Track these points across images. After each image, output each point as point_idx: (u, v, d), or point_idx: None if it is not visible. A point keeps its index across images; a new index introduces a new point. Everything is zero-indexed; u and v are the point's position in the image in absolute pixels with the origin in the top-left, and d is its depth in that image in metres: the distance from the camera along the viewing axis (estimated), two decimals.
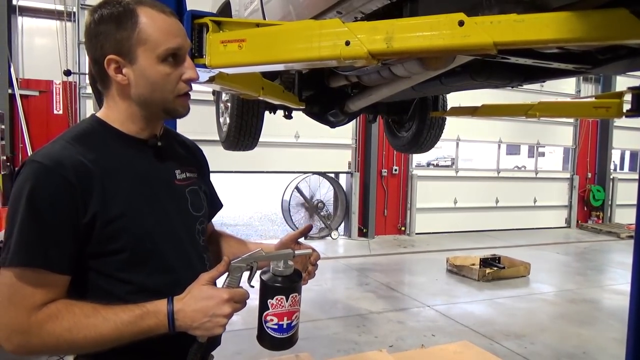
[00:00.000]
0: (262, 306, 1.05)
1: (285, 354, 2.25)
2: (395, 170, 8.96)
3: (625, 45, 1.57)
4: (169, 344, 1.01)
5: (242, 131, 3.20)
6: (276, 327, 1.05)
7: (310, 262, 1.26)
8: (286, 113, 3.41)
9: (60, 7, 6.67)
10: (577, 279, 6.56)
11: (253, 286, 1.05)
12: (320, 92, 3.00)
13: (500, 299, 5.49)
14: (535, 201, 10.52)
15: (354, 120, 6.30)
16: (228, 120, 3.29)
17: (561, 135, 10.82)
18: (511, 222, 10.05)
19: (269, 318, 1.05)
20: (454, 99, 3.44)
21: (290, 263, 1.07)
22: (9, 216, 0.95)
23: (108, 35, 1.01)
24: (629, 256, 2.88)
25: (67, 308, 0.94)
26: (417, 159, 9.83)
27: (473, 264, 6.41)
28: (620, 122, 10.26)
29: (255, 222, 11.75)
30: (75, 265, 0.97)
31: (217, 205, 1.37)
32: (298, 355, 2.56)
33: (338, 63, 1.31)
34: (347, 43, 1.21)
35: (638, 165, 12.97)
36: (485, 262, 6.43)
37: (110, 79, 1.04)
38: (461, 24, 1.10)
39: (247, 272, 1.06)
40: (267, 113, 3.31)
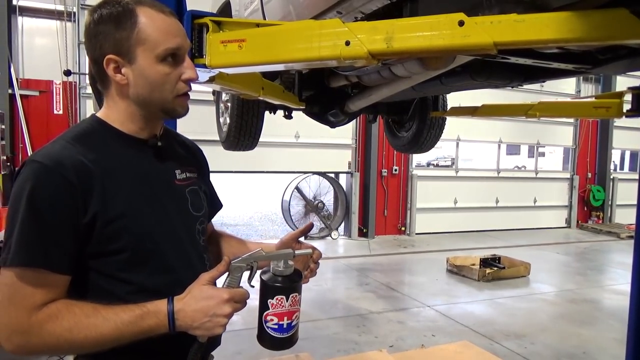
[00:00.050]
0: (262, 306, 1.05)
1: (285, 354, 2.25)
2: (395, 170, 8.96)
3: (625, 45, 1.57)
4: (169, 344, 1.01)
5: (242, 131, 3.20)
6: (276, 327, 1.05)
7: (313, 260, 1.26)
8: (286, 113, 3.41)
9: (60, 7, 6.67)
10: (577, 279, 6.55)
11: (253, 286, 1.05)
12: (320, 92, 2.99)
13: (501, 299, 5.49)
14: (535, 201, 10.52)
15: (354, 120, 6.28)
16: (228, 120, 3.29)
17: (561, 135, 10.82)
18: (511, 222, 10.05)
19: (269, 318, 1.05)
20: (454, 99, 3.44)
21: (291, 263, 1.07)
22: (9, 216, 0.95)
23: (107, 35, 1.01)
24: (629, 256, 2.88)
25: (67, 308, 0.94)
26: (417, 159, 9.82)
27: (473, 264, 6.40)
28: (620, 122, 10.26)
29: (255, 222, 11.74)
30: (76, 265, 0.97)
31: (217, 205, 1.37)
32: (298, 355, 2.55)
33: (338, 63, 1.31)
34: (347, 43, 1.21)
35: (638, 165, 12.96)
36: (485, 262, 6.43)
37: (109, 78, 1.04)
38: (461, 24, 1.10)
39: (247, 272, 1.06)
40: (267, 113, 3.31)
